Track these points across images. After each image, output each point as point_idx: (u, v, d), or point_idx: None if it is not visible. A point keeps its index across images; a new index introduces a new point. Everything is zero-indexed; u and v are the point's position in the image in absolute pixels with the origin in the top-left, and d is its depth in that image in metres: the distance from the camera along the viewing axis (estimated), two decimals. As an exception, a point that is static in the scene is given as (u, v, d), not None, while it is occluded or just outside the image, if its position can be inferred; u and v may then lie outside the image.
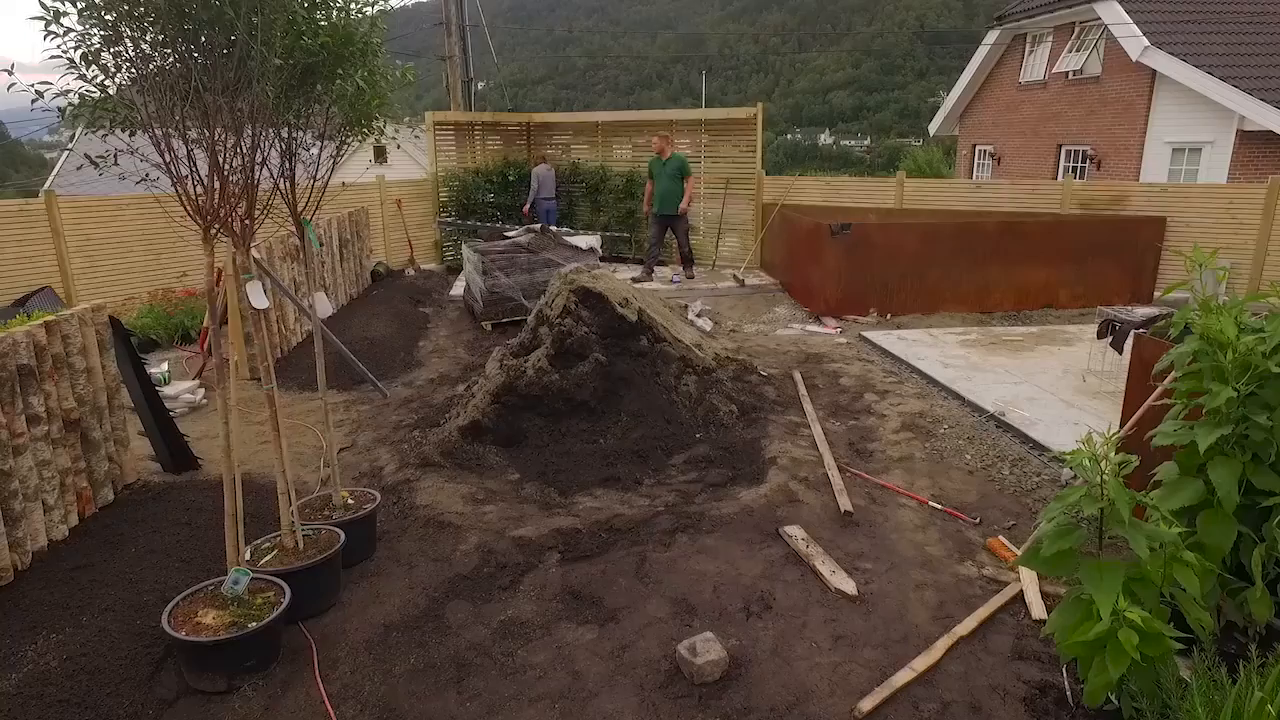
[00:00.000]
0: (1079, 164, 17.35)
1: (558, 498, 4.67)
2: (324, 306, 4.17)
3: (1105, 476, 2.44)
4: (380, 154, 29.43)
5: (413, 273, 12.14)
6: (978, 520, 4.43)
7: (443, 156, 12.99)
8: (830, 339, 8.45)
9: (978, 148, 21.57)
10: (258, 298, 3.37)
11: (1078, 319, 9.17)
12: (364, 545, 4.10)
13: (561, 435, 5.26)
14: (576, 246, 9.00)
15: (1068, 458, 2.53)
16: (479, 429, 5.20)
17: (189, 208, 2.90)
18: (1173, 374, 3.34)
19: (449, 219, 12.55)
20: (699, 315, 9.14)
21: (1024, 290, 9.63)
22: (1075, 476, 4.56)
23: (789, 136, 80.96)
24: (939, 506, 4.56)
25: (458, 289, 10.91)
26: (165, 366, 6.47)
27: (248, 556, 3.56)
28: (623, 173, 12.86)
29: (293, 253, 8.00)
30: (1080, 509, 2.48)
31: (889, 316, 9.33)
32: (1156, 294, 9.92)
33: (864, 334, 8.46)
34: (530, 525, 4.29)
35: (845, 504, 4.46)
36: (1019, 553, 4.03)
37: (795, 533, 4.11)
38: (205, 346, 6.87)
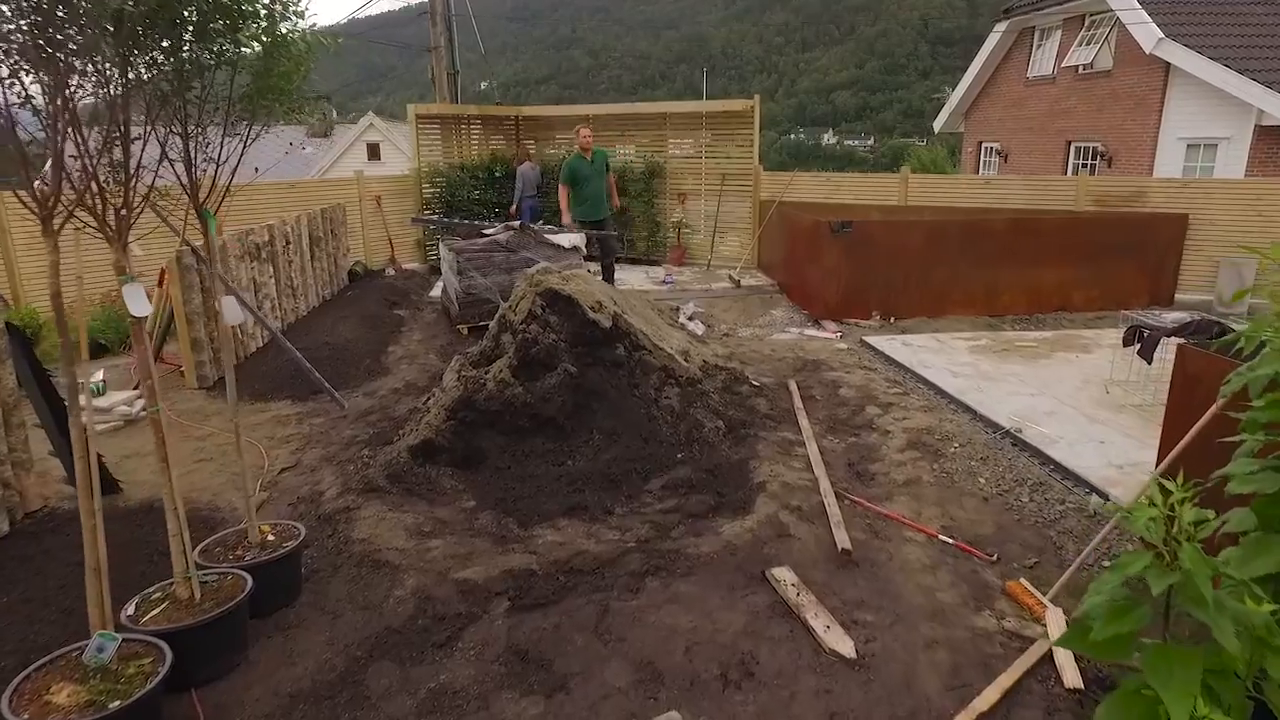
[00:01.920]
0: (1089, 161, 16.73)
1: (515, 530, 4.10)
2: (233, 312, 3.61)
3: (1178, 541, 1.87)
4: (374, 151, 28.98)
5: (392, 272, 11.58)
6: (995, 557, 3.86)
7: (427, 151, 12.42)
8: (830, 344, 7.87)
9: (984, 145, 20.93)
10: (136, 303, 2.81)
11: (1094, 323, 8.58)
12: (285, 589, 3.54)
13: (525, 456, 4.69)
14: (559, 245, 8.43)
15: (1130, 519, 1.95)
16: (432, 448, 4.63)
17: (24, 193, 2.34)
18: (1223, 393, 2.76)
19: (430, 215, 11.97)
20: (691, 318, 8.57)
21: (1036, 292, 9.04)
22: (1106, 511, 3.95)
23: (793, 136, 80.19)
24: (950, 541, 3.99)
25: (438, 290, 10.35)
26: (100, 375, 5.91)
27: (131, 611, 3.01)
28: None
29: (252, 251, 7.44)
30: (1145, 582, 1.91)
31: (892, 320, 8.74)
32: (1178, 296, 9.34)
33: (866, 339, 7.88)
34: (479, 565, 3.72)
35: (843, 539, 3.89)
36: (1045, 600, 3.46)
37: (784, 576, 3.53)
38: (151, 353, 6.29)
